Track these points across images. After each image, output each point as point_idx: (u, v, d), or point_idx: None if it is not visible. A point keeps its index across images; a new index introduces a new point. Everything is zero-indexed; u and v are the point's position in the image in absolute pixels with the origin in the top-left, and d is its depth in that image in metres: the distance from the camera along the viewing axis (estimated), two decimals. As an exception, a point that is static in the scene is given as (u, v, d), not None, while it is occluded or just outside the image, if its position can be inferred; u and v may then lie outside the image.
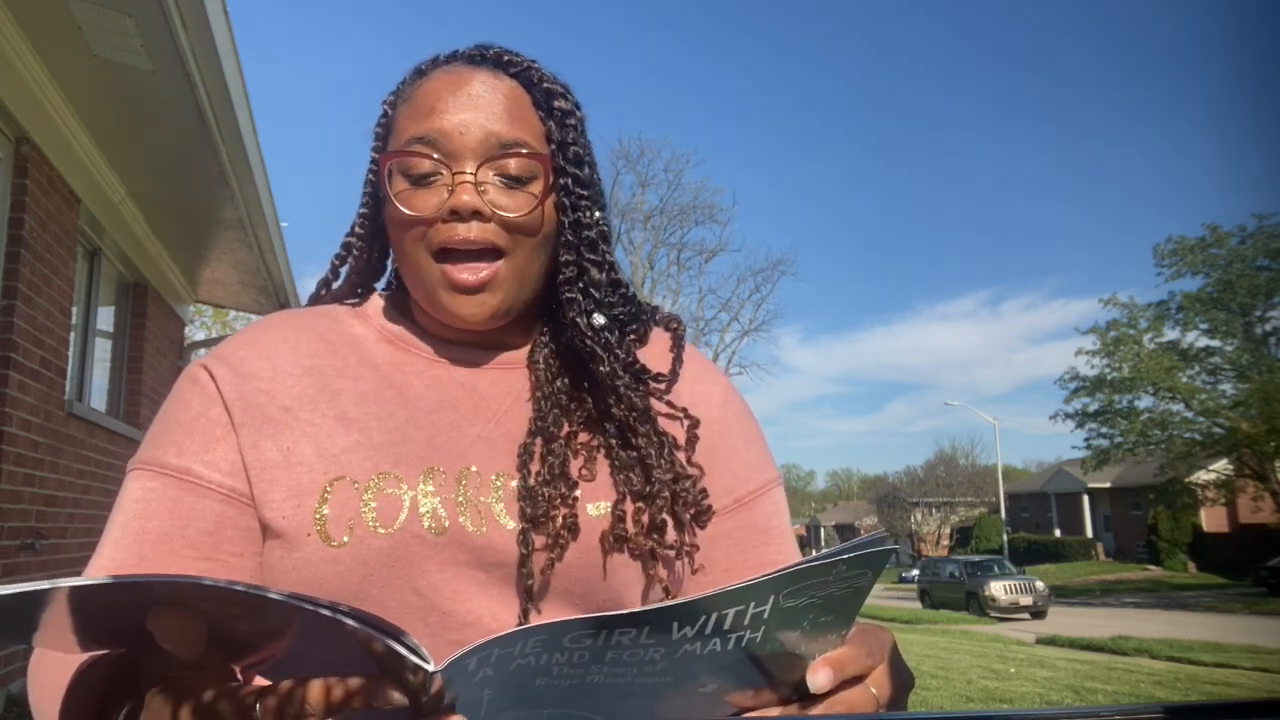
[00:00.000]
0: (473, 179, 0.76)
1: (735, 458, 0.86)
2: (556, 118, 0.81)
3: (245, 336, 0.83)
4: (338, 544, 0.71)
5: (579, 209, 0.81)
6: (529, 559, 0.72)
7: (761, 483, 0.87)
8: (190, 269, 7.46)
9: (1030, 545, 41.30)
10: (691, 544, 0.79)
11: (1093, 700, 7.72)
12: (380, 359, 0.82)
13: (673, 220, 32.16)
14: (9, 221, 4.29)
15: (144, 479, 0.76)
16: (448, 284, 0.77)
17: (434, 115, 0.78)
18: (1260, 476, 28.04)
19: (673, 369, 0.86)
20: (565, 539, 0.73)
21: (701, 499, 0.80)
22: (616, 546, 0.75)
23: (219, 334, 13.81)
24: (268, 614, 0.46)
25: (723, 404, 0.88)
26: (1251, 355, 28.72)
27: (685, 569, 0.80)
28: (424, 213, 0.77)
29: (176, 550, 0.72)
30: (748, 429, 0.90)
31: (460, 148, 0.77)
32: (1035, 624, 19.76)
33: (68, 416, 4.99)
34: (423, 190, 0.77)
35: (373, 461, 0.74)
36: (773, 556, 0.85)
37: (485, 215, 0.76)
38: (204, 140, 4.66)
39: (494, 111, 0.78)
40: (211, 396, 0.78)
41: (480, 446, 0.77)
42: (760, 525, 0.85)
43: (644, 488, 0.77)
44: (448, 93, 0.79)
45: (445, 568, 0.72)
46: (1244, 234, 28.23)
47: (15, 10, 3.83)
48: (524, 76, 0.82)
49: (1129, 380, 29.55)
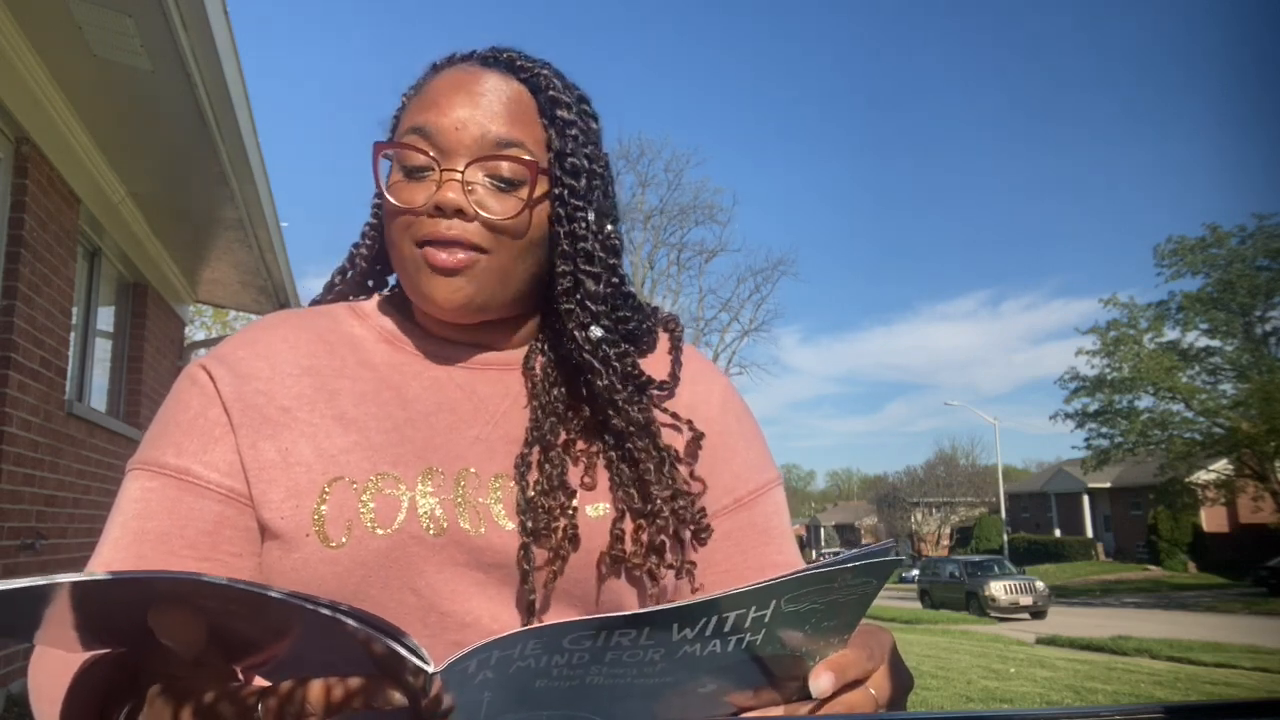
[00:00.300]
0: (460, 177, 0.76)
1: (735, 458, 0.86)
2: (558, 126, 0.81)
3: (244, 337, 0.83)
4: (336, 544, 0.71)
5: (574, 219, 0.80)
6: (530, 575, 0.72)
7: (761, 483, 0.87)
8: (190, 269, 7.46)
9: (1030, 545, 41.30)
10: (691, 562, 0.79)
11: (1093, 700, 7.72)
12: (379, 359, 0.82)
13: (673, 220, 32.19)
14: (9, 221, 4.29)
15: (143, 479, 0.76)
16: (425, 265, 0.77)
17: (434, 109, 0.78)
18: (1260, 476, 28.04)
19: (672, 372, 0.86)
20: (566, 550, 0.73)
21: (700, 518, 0.80)
22: (614, 568, 0.75)
23: (219, 334, 13.82)
24: (268, 613, 0.46)
25: (722, 404, 0.88)
26: (1251, 355, 28.73)
27: (686, 587, 0.80)
28: (411, 205, 0.77)
29: (175, 550, 0.72)
30: (747, 429, 0.90)
31: (454, 144, 0.77)
32: (1035, 624, 19.76)
33: (68, 416, 4.99)
34: (414, 183, 0.78)
35: (371, 462, 0.74)
36: (773, 557, 0.84)
37: (468, 215, 0.76)
38: (204, 140, 4.66)
39: (493, 111, 0.78)
40: (210, 397, 0.78)
41: (479, 448, 0.77)
42: (760, 525, 0.85)
43: (644, 506, 0.77)
44: (452, 89, 0.79)
45: (444, 568, 0.72)
46: (1244, 234, 28.24)
47: (15, 10, 3.84)
48: (533, 82, 0.82)
49: (1129, 380, 29.55)
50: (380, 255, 0.92)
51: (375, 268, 0.92)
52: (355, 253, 0.92)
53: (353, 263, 0.92)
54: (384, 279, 0.94)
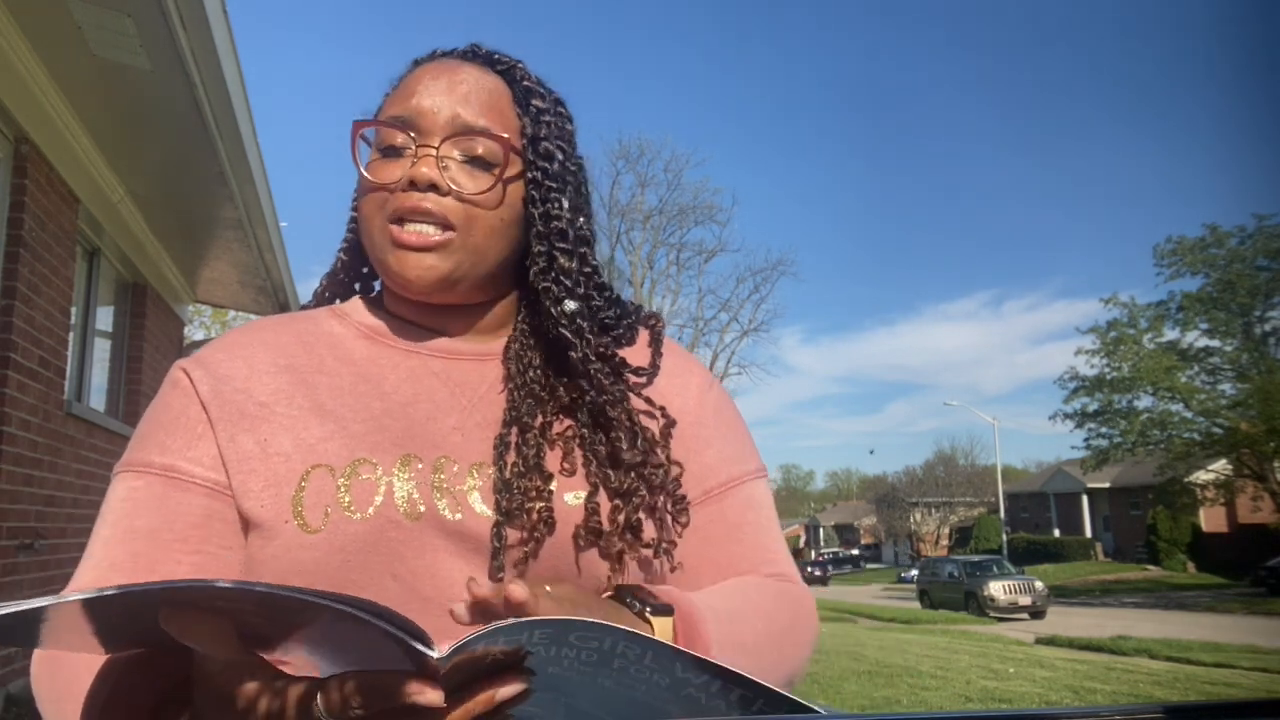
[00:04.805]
0: (435, 153, 0.79)
1: (707, 450, 0.86)
2: (532, 114, 0.84)
3: (223, 341, 0.86)
4: (314, 530, 0.72)
5: (548, 200, 0.83)
6: (501, 553, 0.73)
7: (733, 475, 0.86)
8: (189, 269, 7.46)
9: (1029, 545, 41.31)
10: (670, 541, 0.80)
11: (1092, 700, 7.72)
12: (358, 355, 0.84)
13: (672, 220, 32.13)
14: (8, 221, 4.29)
15: (129, 480, 0.77)
16: (394, 243, 0.79)
17: (413, 96, 0.81)
18: (1259, 476, 28.05)
19: (651, 362, 0.87)
20: (542, 533, 0.74)
21: (675, 488, 0.81)
22: (589, 546, 0.75)
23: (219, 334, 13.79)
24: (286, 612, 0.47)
25: (699, 395, 0.89)
26: (1251, 355, 28.72)
27: (664, 566, 0.80)
28: (386, 181, 0.79)
29: (166, 545, 0.73)
30: (725, 421, 0.89)
31: (430, 125, 0.80)
32: (1034, 624, 19.77)
33: (67, 416, 4.99)
34: (390, 161, 0.80)
35: (349, 450, 0.76)
36: (744, 553, 0.84)
37: (442, 189, 0.78)
38: (203, 140, 4.65)
39: (468, 98, 0.81)
40: (189, 396, 0.79)
41: (456, 437, 0.78)
42: (731, 520, 0.84)
43: (620, 483, 0.77)
44: (430, 78, 0.82)
45: (423, 553, 0.73)
46: (1244, 234, 28.22)
47: (15, 10, 3.83)
48: (508, 74, 0.86)
49: (1128, 380, 29.54)
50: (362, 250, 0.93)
51: (360, 267, 0.94)
52: (339, 254, 0.94)
53: (338, 264, 0.94)
54: (369, 281, 0.95)
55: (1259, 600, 22.89)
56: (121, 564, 0.72)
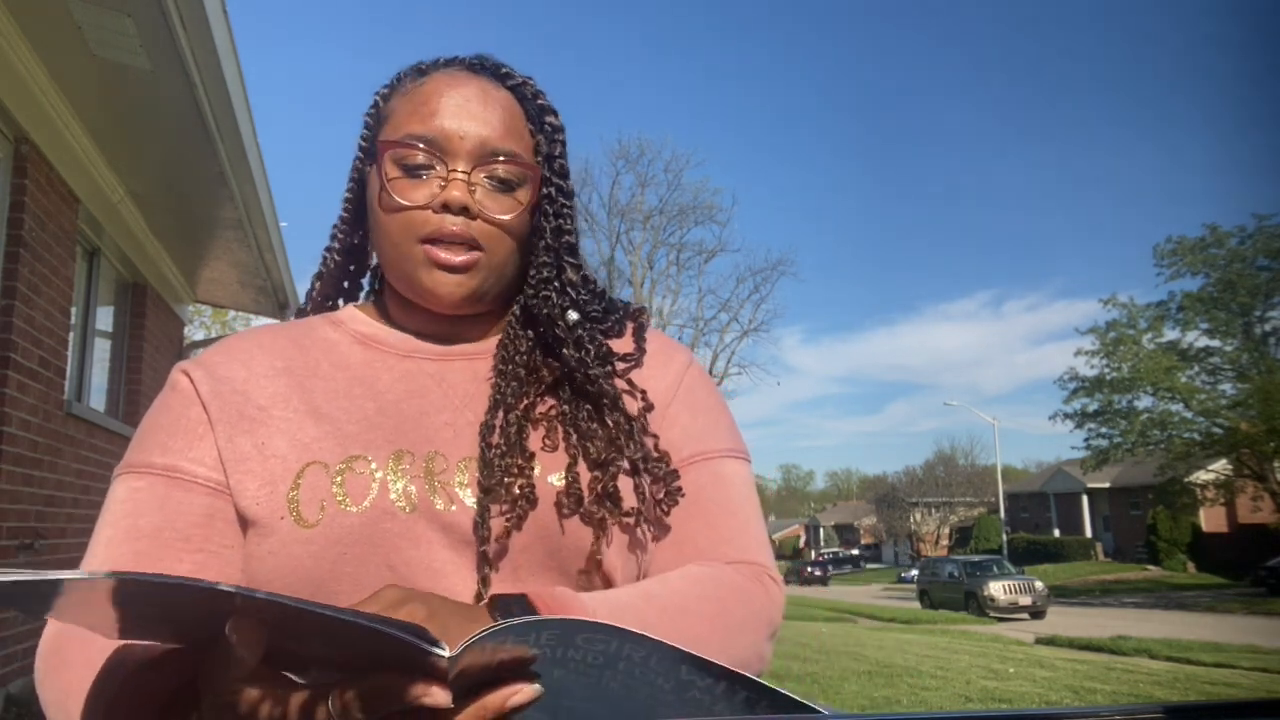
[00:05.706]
0: (465, 178, 0.80)
1: (674, 425, 0.87)
2: (546, 132, 0.87)
3: (223, 345, 0.87)
4: (310, 524, 0.73)
5: (561, 216, 0.86)
6: (484, 525, 0.74)
7: (698, 451, 0.86)
8: (189, 269, 7.46)
9: (1029, 545, 41.33)
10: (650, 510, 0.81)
11: (1092, 700, 7.72)
12: (353, 360, 0.86)
13: (672, 220, 32.08)
14: (8, 221, 4.29)
15: (130, 480, 0.78)
16: (431, 263, 0.81)
17: (435, 116, 0.82)
18: (1259, 477, 28.04)
19: (637, 346, 0.90)
20: (524, 508, 0.75)
21: (654, 459, 0.82)
22: (571, 513, 0.76)
23: (219, 334, 13.82)
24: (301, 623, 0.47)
25: (677, 375, 0.90)
26: (1251, 355, 28.71)
27: (647, 535, 0.81)
28: (417, 202, 0.81)
29: (169, 543, 0.74)
30: (699, 400, 0.90)
31: (458, 149, 0.81)
32: (1034, 624, 19.77)
33: (67, 416, 4.99)
34: (415, 181, 0.81)
35: (343, 447, 0.77)
36: (701, 530, 0.83)
37: (472, 213, 0.80)
38: (203, 140, 4.66)
39: (490, 120, 0.83)
40: (190, 398, 0.81)
41: (447, 433, 0.80)
42: (690, 495, 0.83)
43: (598, 453, 0.79)
44: (448, 95, 0.83)
45: (418, 545, 0.74)
46: (1244, 234, 28.20)
47: (15, 10, 3.83)
48: (519, 91, 0.88)
49: (1128, 380, 29.53)
50: (353, 252, 0.95)
51: (349, 267, 0.95)
52: (328, 255, 0.94)
53: (327, 266, 0.94)
54: (358, 280, 0.97)
55: (1259, 600, 22.89)
56: (125, 562, 0.73)
